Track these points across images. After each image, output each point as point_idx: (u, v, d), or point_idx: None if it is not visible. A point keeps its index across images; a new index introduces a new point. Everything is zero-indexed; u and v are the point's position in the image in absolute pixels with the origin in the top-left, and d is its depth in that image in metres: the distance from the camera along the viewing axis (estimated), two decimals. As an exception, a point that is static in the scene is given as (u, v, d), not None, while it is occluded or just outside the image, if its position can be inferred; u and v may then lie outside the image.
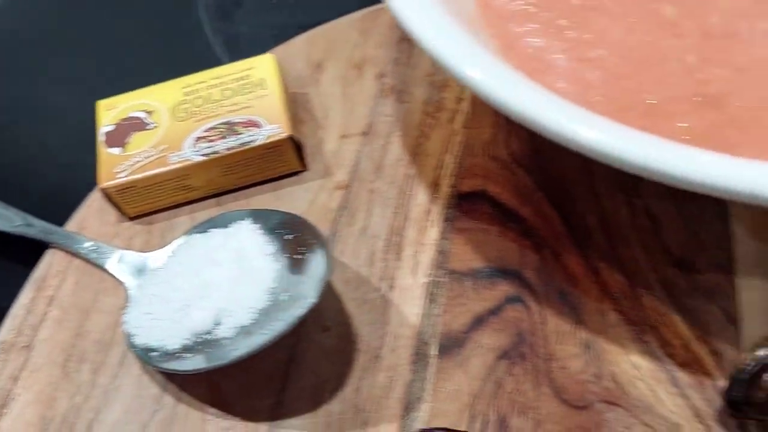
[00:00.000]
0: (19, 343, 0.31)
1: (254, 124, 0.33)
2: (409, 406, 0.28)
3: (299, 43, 0.40)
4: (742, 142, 0.26)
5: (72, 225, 0.35)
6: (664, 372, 0.28)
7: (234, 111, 0.34)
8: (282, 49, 0.40)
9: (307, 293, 0.27)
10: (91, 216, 0.35)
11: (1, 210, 0.35)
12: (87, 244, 0.33)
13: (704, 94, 0.27)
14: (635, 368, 0.28)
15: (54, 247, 0.34)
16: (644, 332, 0.29)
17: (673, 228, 0.31)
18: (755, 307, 0.29)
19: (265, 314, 0.27)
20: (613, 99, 0.28)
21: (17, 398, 0.30)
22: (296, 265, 0.28)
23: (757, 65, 0.28)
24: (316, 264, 0.28)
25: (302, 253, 0.28)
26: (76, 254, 0.33)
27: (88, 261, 0.33)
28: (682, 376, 0.27)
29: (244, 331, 0.27)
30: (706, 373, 0.27)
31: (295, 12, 0.44)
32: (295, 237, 0.29)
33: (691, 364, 0.28)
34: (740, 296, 0.29)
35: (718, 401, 0.27)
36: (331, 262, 0.30)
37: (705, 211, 0.31)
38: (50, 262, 0.34)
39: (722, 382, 0.27)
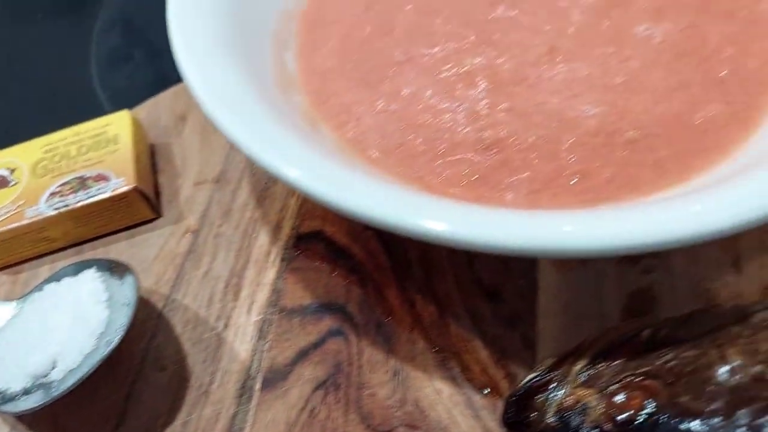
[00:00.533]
0: None
1: (104, 178, 0.36)
2: (229, 438, 0.30)
3: (166, 97, 0.42)
4: (514, 183, 0.29)
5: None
6: (461, 395, 0.30)
7: (87, 166, 0.36)
8: (151, 102, 0.43)
9: (113, 339, 0.29)
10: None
11: None
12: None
13: (487, 139, 0.30)
14: (437, 393, 0.30)
15: None
16: (448, 359, 0.31)
17: (485, 260, 0.34)
18: (549, 333, 0.31)
19: (90, 357, 0.30)
20: (412, 146, 0.31)
21: None
22: (120, 310, 0.31)
23: (537, 110, 0.31)
24: (126, 312, 0.30)
25: (123, 299, 0.31)
26: None
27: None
28: (478, 399, 0.30)
29: (72, 373, 0.30)
30: (500, 395, 0.30)
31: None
32: (122, 282, 0.32)
33: (487, 387, 0.30)
34: (539, 323, 0.32)
35: (504, 421, 0.29)
36: (136, 305, 0.31)
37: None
38: None
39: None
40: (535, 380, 0.27)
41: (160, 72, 0.48)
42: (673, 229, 0.22)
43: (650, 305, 0.31)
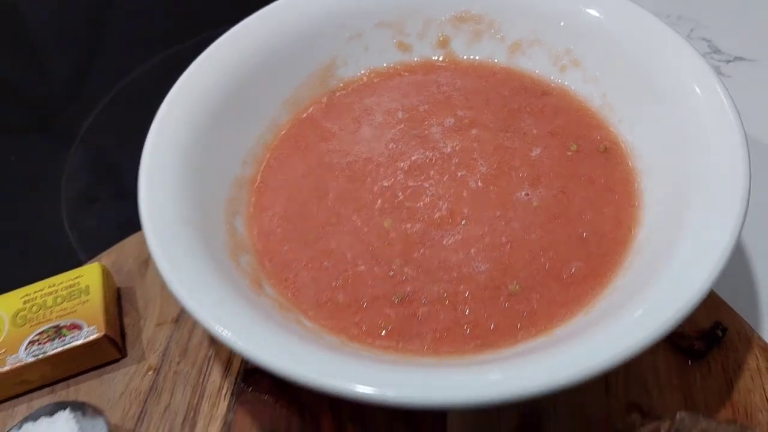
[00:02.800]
0: None
1: (77, 327, 0.41)
2: None
3: (131, 243, 0.48)
4: (421, 332, 0.35)
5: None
6: None
7: (62, 316, 0.42)
8: (117, 248, 0.49)
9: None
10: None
11: None
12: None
13: (400, 293, 0.37)
14: None
15: None
16: (374, 480, 0.36)
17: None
18: (458, 452, 0.37)
19: (64, 496, 0.34)
20: (338, 301, 0.37)
21: None
22: (91, 452, 0.36)
23: (440, 266, 0.38)
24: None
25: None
26: None
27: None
28: None
29: None
30: None
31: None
32: (94, 423, 0.37)
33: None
34: (450, 443, 0.37)
35: None
36: None
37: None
38: None
39: None
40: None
41: (126, 213, 0.54)
42: (531, 384, 0.28)
43: (536, 426, 0.37)
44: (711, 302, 0.41)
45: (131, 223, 0.50)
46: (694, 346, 0.39)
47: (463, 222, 0.39)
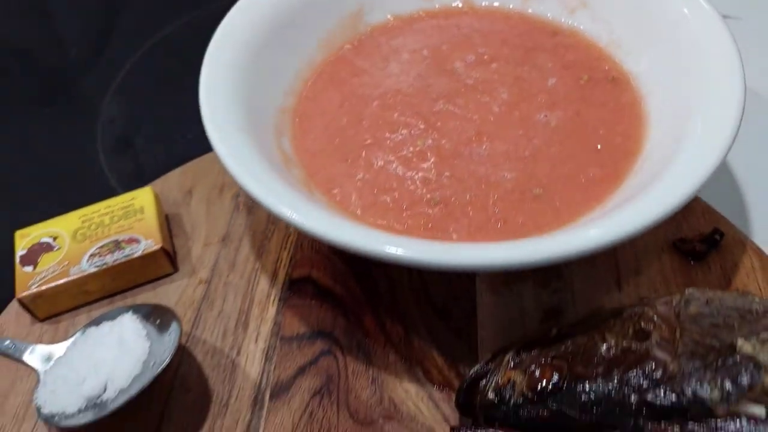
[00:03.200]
0: None
1: (135, 241, 0.44)
2: (247, 437, 0.38)
3: (175, 175, 0.52)
4: (458, 227, 0.40)
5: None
6: (425, 392, 0.39)
7: (120, 232, 0.45)
8: (161, 180, 0.52)
9: (164, 358, 0.38)
10: (10, 320, 0.45)
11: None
12: (6, 343, 0.43)
13: (436, 198, 0.41)
14: (405, 392, 0.39)
15: None
16: (413, 365, 0.40)
17: (436, 286, 0.44)
18: (487, 340, 0.41)
19: (138, 378, 0.38)
20: (382, 205, 0.41)
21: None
22: (161, 340, 0.39)
23: (470, 176, 0.42)
24: (171, 338, 0.39)
25: (165, 331, 0.39)
26: None
27: (6, 355, 0.43)
28: (437, 393, 0.39)
29: (123, 392, 0.38)
30: (453, 390, 0.39)
31: (172, 148, 0.57)
32: (161, 320, 0.40)
33: (443, 384, 0.39)
34: (479, 333, 0.42)
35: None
36: (180, 335, 0.40)
37: (459, 274, 0.44)
38: None
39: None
40: (478, 371, 0.37)
41: (161, 156, 0.58)
42: (561, 249, 0.33)
43: (557, 315, 0.42)
44: (709, 215, 0.46)
45: (170, 165, 0.54)
46: (696, 249, 0.43)
47: (488, 140, 0.43)
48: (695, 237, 0.44)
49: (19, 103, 0.66)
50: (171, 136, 0.59)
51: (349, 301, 0.44)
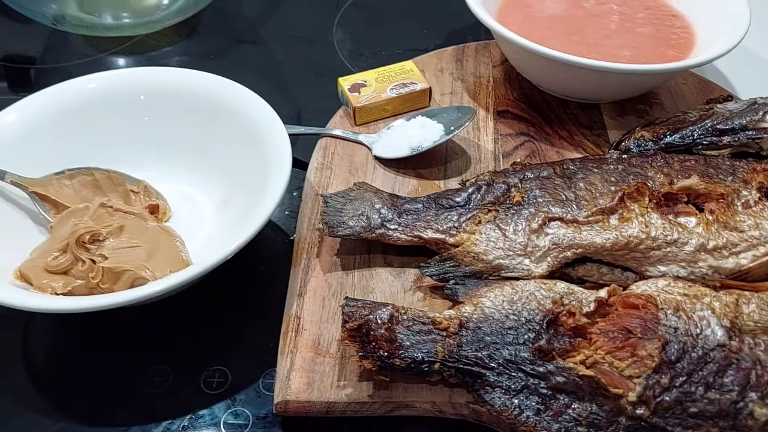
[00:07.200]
0: (324, 167, 0.73)
1: (413, 83, 0.78)
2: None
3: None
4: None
5: (330, 125, 0.78)
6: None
7: (404, 80, 0.79)
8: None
9: (460, 126, 0.71)
10: (338, 122, 0.78)
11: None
12: (337, 131, 0.76)
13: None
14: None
15: (323, 137, 0.76)
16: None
17: (582, 116, 0.78)
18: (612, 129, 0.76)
19: (442, 138, 0.71)
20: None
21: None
22: (455, 121, 0.73)
23: (605, 55, 0.77)
24: (464, 117, 0.73)
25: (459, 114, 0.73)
26: (337, 137, 0.76)
27: (343, 139, 0.75)
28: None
29: (435, 142, 0.71)
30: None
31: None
32: (461, 117, 0.74)
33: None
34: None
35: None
36: (473, 115, 0.74)
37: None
38: (323, 143, 0.76)
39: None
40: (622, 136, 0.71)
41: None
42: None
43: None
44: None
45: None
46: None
47: (614, 39, 0.79)
48: (720, 96, 0.80)
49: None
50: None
51: (534, 121, 0.79)
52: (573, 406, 0.49)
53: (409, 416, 0.54)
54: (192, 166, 0.71)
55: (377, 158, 0.74)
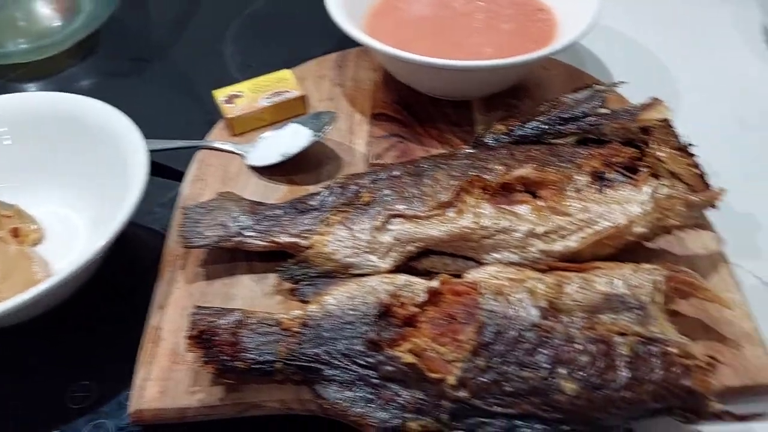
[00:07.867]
0: (197, 179, 0.74)
1: (287, 91, 0.80)
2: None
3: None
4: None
5: (210, 137, 0.80)
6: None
7: (278, 89, 0.81)
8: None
9: (320, 131, 0.74)
10: (217, 134, 0.80)
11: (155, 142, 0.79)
12: (215, 143, 0.77)
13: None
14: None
15: (201, 149, 0.78)
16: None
17: (453, 114, 0.81)
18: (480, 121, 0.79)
19: (301, 145, 0.74)
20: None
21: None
22: (318, 128, 0.75)
23: (467, 52, 0.80)
24: (323, 122, 0.75)
25: (319, 119, 0.76)
26: (213, 149, 0.78)
27: (219, 150, 0.77)
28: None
29: (299, 147, 0.73)
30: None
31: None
32: (314, 120, 0.76)
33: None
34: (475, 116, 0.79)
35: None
36: (332, 119, 0.77)
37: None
38: (200, 155, 0.78)
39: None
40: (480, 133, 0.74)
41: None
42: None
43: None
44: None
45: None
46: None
47: (476, 37, 0.82)
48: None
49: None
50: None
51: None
52: (401, 393, 0.51)
53: (272, 416, 0.56)
54: (65, 187, 0.72)
55: (251, 167, 0.75)
